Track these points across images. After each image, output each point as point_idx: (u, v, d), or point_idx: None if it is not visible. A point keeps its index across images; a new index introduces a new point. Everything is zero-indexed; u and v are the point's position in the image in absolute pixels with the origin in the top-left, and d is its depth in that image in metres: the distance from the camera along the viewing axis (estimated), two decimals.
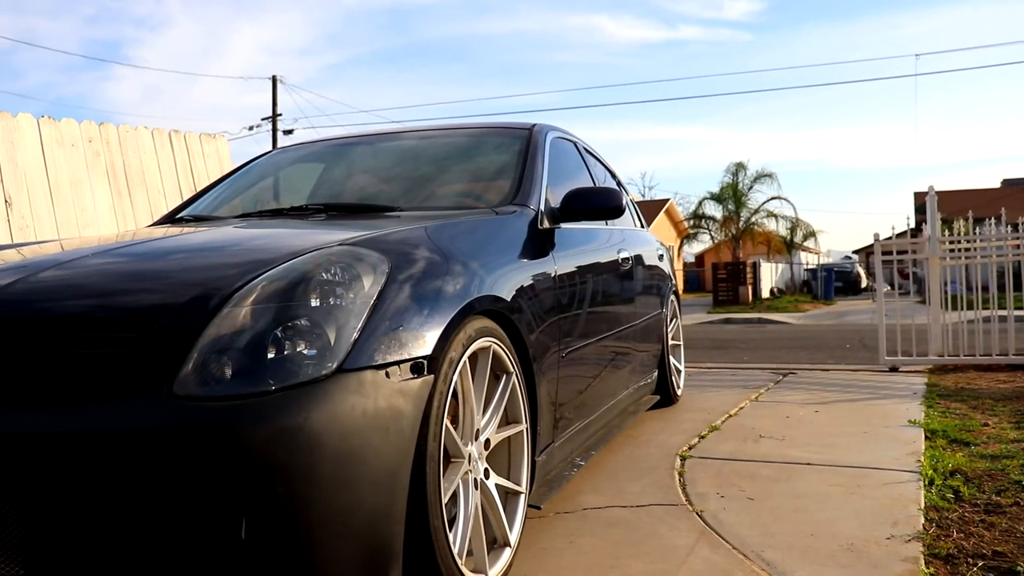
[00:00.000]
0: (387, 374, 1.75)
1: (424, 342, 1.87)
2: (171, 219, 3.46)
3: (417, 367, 1.83)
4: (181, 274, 1.97)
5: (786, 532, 2.62)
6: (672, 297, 5.06)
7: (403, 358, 1.80)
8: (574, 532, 2.67)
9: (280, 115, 29.46)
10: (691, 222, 32.37)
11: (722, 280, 27.29)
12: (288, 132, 29.12)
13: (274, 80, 29.29)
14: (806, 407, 4.89)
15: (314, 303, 1.72)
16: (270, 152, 4.20)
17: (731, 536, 2.60)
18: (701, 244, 34.37)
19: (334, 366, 1.66)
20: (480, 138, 3.73)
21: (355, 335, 1.72)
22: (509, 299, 2.36)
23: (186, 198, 6.15)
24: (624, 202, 3.12)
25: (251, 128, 30.29)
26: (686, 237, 33.04)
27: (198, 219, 3.31)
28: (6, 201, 6.42)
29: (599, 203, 3.03)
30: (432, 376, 1.87)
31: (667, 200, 41.58)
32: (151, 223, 3.62)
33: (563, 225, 3.07)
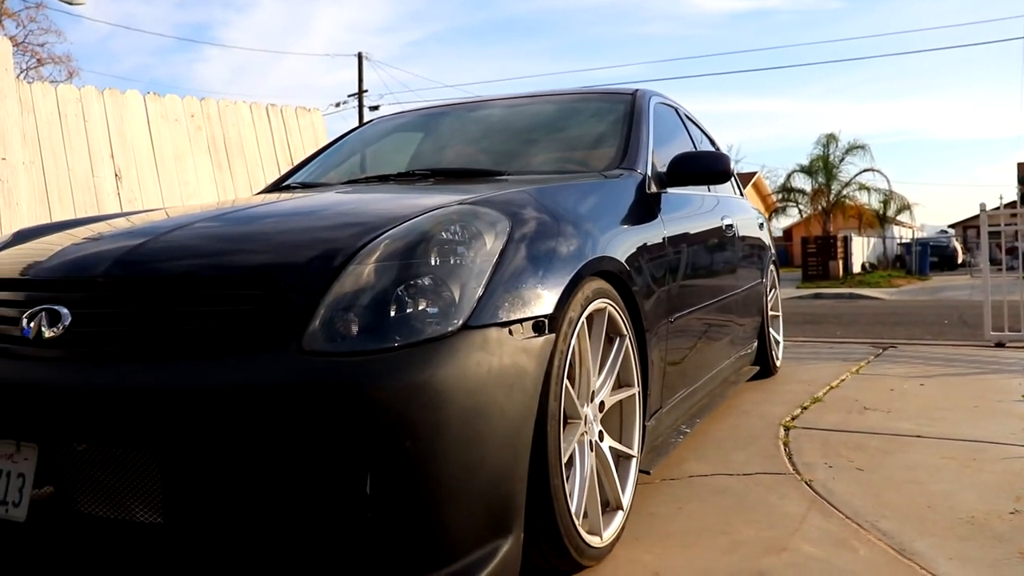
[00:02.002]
0: (510, 332, 1.75)
1: (545, 301, 1.86)
2: (277, 187, 3.52)
3: (539, 326, 1.83)
4: (303, 234, 1.99)
5: (900, 503, 2.56)
6: (771, 267, 4.96)
7: (525, 316, 1.80)
8: (682, 498, 2.65)
9: (366, 91, 29.80)
10: (779, 195, 31.64)
11: (812, 254, 26.70)
12: (374, 108, 29.43)
13: (360, 57, 29.62)
14: (910, 380, 4.75)
15: (435, 261, 1.73)
16: (369, 122, 4.24)
17: (843, 505, 2.55)
18: (789, 218, 33.60)
19: (459, 323, 1.67)
20: (582, 104, 3.68)
21: (479, 292, 1.73)
22: (623, 261, 2.35)
23: (283, 170, 6.26)
24: (732, 167, 3.06)
25: (337, 105, 30.81)
26: (774, 211, 32.29)
27: (305, 186, 3.34)
28: (116, 175, 6.66)
29: (708, 167, 2.98)
30: (553, 335, 1.87)
31: (755, 173, 40.59)
32: (259, 191, 3.69)
33: (669, 190, 3.03)
